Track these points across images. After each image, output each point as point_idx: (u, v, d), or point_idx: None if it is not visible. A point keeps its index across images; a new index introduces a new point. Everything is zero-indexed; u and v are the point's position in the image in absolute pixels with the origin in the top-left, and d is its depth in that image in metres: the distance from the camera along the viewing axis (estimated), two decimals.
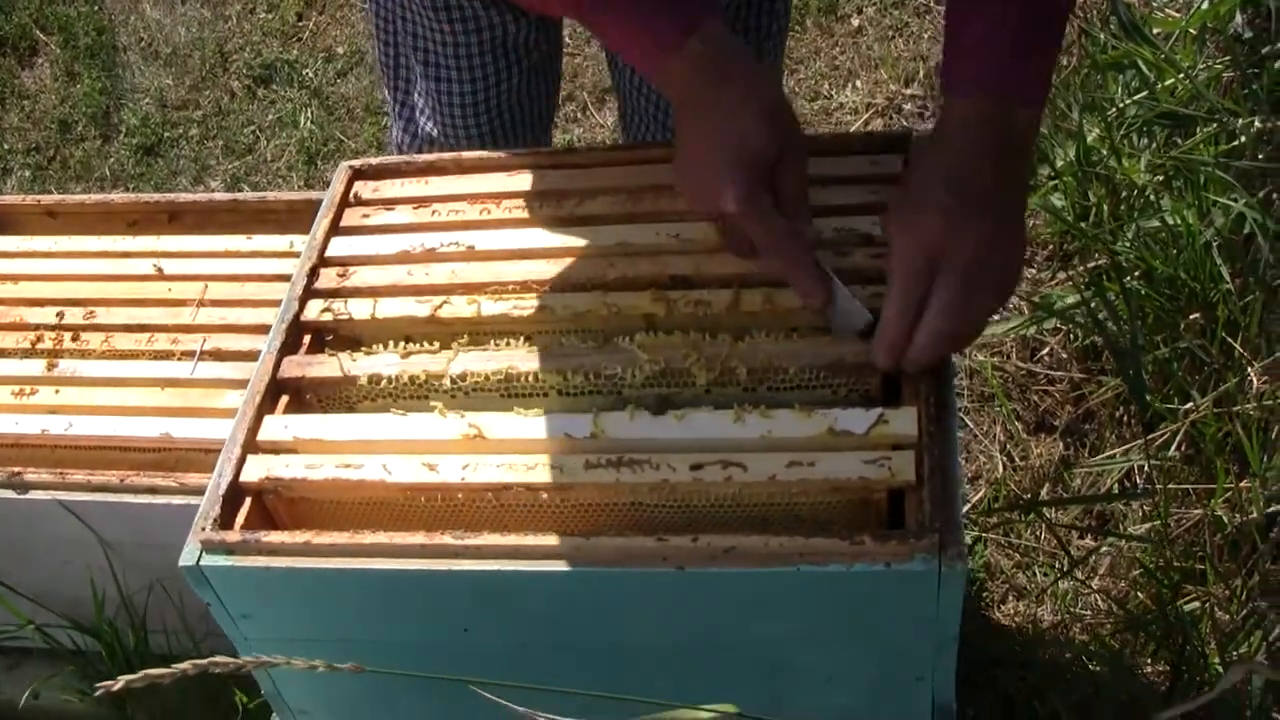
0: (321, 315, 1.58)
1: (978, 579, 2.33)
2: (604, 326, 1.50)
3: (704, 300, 1.48)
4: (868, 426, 1.34)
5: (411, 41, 2.02)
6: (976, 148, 1.36)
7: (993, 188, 1.34)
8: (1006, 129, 1.35)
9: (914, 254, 1.35)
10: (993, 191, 1.34)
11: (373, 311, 1.56)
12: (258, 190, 3.43)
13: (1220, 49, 2.49)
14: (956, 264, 1.33)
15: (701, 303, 1.48)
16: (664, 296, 1.49)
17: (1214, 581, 2.06)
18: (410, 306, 1.56)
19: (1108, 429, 2.46)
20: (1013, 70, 1.35)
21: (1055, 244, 2.86)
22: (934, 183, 1.37)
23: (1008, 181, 1.36)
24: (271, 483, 1.42)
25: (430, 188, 1.72)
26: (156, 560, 1.95)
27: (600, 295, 1.51)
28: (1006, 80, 1.35)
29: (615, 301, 1.51)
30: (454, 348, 1.51)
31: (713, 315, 1.47)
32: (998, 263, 1.35)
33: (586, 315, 1.50)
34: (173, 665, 0.93)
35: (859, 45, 3.62)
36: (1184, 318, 2.32)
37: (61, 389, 2.02)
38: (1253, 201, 2.18)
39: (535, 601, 1.37)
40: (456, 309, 1.54)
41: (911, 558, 1.25)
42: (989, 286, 1.35)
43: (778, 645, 1.40)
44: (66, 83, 3.96)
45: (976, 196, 1.34)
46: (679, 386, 1.43)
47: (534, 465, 1.37)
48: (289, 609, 1.44)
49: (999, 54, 1.34)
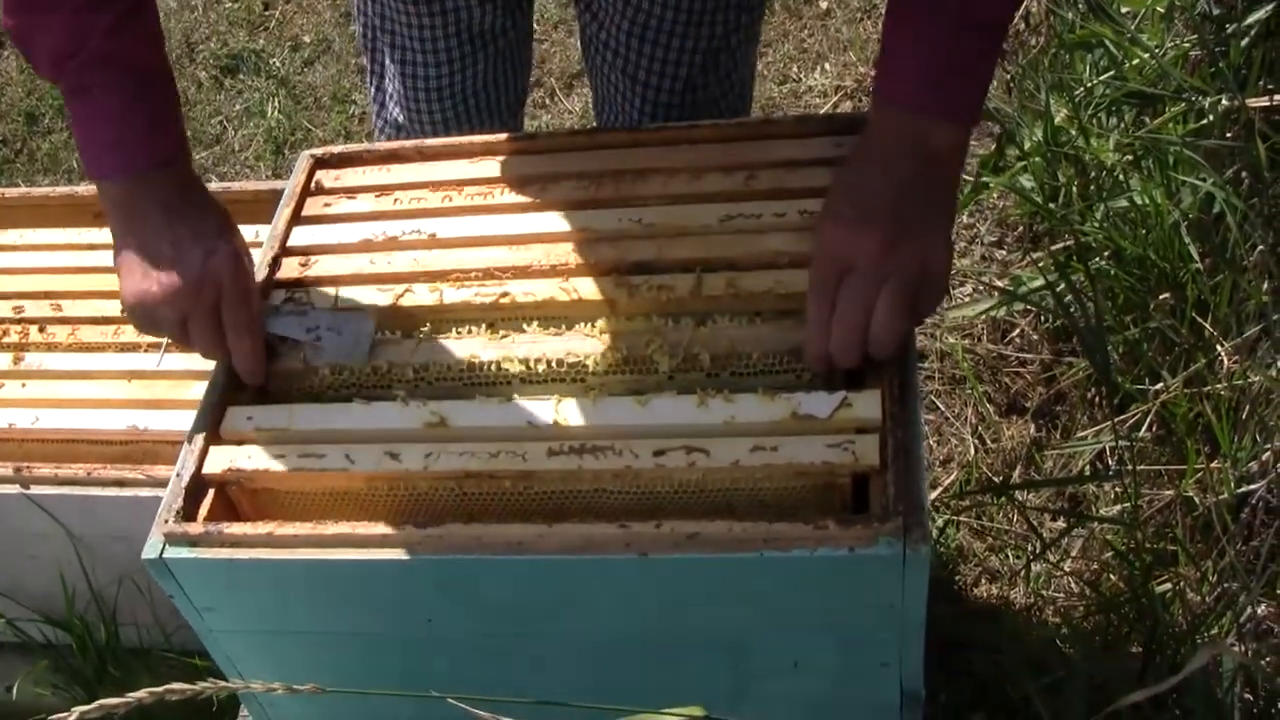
0: (284, 305, 1.57)
1: (950, 562, 2.33)
2: (566, 313, 1.49)
3: (666, 285, 1.48)
4: (831, 410, 1.34)
5: (379, 24, 2.02)
6: (887, 162, 1.38)
7: (900, 198, 1.36)
8: (921, 145, 1.36)
9: (822, 265, 1.38)
10: (899, 201, 1.36)
11: (334, 301, 1.55)
12: (225, 180, 3.42)
13: (1188, 27, 2.49)
14: (858, 270, 1.35)
15: (664, 287, 1.48)
16: (625, 282, 1.49)
17: (1185, 563, 2.06)
18: (372, 295, 1.55)
19: (1079, 410, 2.46)
20: (933, 90, 1.35)
21: (1025, 225, 2.86)
22: (840, 194, 1.41)
23: (920, 194, 1.37)
24: (234, 474, 1.42)
25: (392, 175, 1.71)
26: (125, 553, 1.94)
27: (561, 281, 1.51)
28: (925, 100, 1.36)
29: (576, 287, 1.50)
30: (416, 337, 1.50)
31: (675, 299, 1.46)
32: (904, 266, 1.34)
33: (548, 303, 1.50)
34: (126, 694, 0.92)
35: (827, 28, 3.62)
36: (1153, 298, 2.32)
37: (28, 382, 2.01)
38: (1221, 181, 2.18)
39: (499, 591, 1.36)
40: (419, 297, 1.53)
41: (875, 542, 1.25)
42: (894, 291, 1.34)
43: (743, 631, 1.40)
44: (33, 75, 3.93)
45: (879, 204, 1.36)
46: (642, 373, 1.43)
47: (496, 453, 1.36)
48: (253, 600, 1.43)
49: (922, 73, 1.35)
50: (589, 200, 1.60)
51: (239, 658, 1.50)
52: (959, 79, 1.36)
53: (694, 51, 1.95)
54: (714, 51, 1.97)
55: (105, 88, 1.44)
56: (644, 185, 1.61)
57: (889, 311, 1.34)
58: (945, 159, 1.39)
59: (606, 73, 2.06)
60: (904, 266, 1.34)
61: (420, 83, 2.05)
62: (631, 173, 1.62)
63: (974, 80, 1.38)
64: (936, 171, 1.39)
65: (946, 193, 1.42)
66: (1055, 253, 2.58)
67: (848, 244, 1.36)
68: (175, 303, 1.45)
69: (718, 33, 1.95)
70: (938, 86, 1.35)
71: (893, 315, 1.34)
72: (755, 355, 1.40)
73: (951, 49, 1.34)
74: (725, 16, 1.93)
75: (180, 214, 1.48)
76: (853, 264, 1.35)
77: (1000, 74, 2.99)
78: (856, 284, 1.35)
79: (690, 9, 1.90)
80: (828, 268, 1.37)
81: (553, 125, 3.49)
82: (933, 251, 1.37)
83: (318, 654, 1.49)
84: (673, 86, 1.99)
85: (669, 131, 1.69)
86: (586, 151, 1.68)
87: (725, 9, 1.92)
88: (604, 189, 1.61)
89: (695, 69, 1.98)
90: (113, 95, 1.44)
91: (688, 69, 1.97)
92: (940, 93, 1.36)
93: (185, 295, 1.45)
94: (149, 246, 1.47)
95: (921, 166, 1.37)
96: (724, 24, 1.94)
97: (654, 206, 1.58)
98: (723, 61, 1.99)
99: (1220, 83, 2.28)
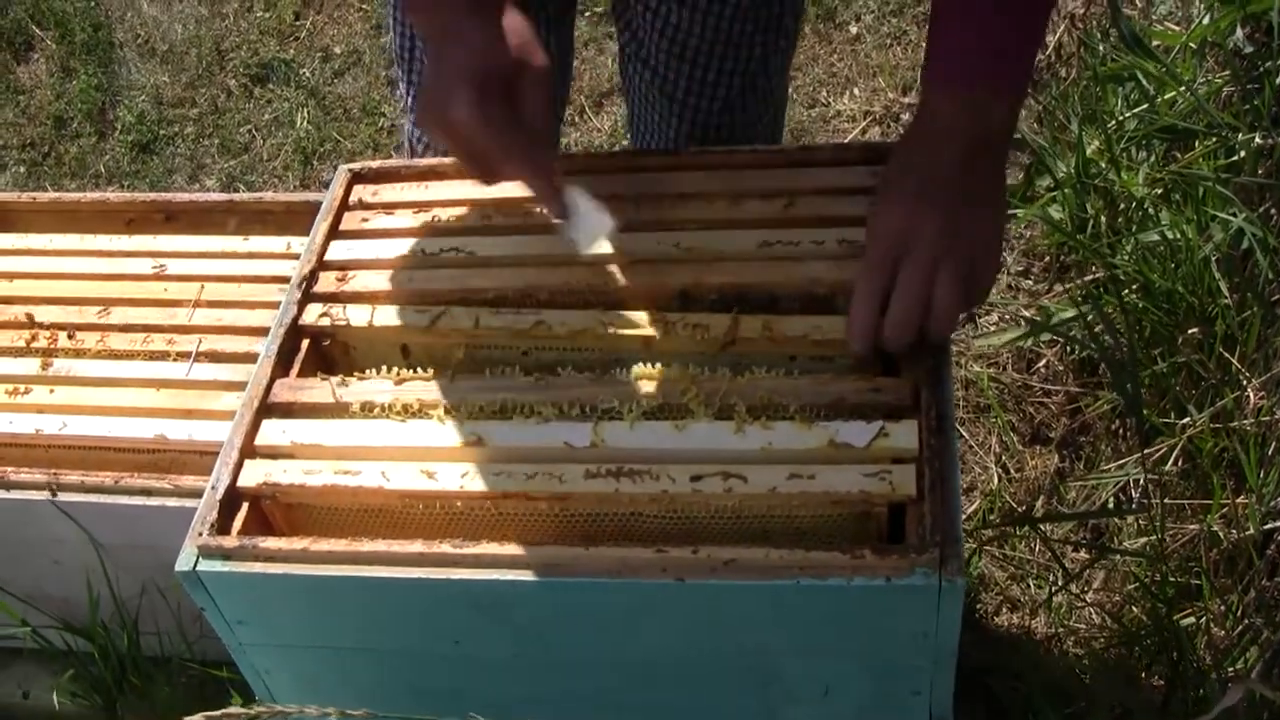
0: (320, 320, 1.57)
1: (972, 590, 2.33)
2: (600, 345, 1.50)
3: (702, 324, 1.48)
4: (869, 439, 1.34)
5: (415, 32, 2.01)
6: (943, 142, 1.39)
7: (958, 177, 1.38)
8: (977, 124, 1.38)
9: (879, 243, 1.40)
10: (958, 180, 1.38)
11: (370, 319, 1.56)
12: (253, 189, 3.42)
13: (1220, 63, 2.49)
14: (918, 251, 1.37)
15: (700, 326, 1.48)
16: (662, 318, 1.49)
17: (1210, 597, 2.06)
18: (409, 315, 1.55)
19: (1103, 442, 2.45)
20: (982, 69, 1.37)
21: (1053, 256, 2.86)
22: (899, 175, 1.43)
23: (977, 171, 1.39)
24: (269, 488, 1.42)
25: (430, 192, 1.71)
26: (150, 562, 1.94)
27: (598, 314, 1.51)
28: (978, 80, 1.38)
29: (611, 320, 1.50)
30: (449, 374, 1.50)
31: (710, 339, 1.46)
32: (962, 248, 1.37)
33: (583, 334, 1.50)
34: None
35: (857, 53, 3.62)
36: (1181, 332, 2.32)
37: (56, 388, 2.01)
38: (1252, 216, 2.18)
39: (533, 611, 1.36)
40: (455, 320, 1.53)
41: (912, 572, 1.25)
42: (953, 271, 1.37)
43: (775, 656, 1.40)
44: (62, 78, 3.94)
45: (939, 186, 1.38)
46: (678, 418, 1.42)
47: (533, 474, 1.36)
48: (285, 615, 1.43)
49: (971, 52, 1.37)
50: (628, 223, 1.60)
51: (268, 672, 1.51)
52: (1006, 56, 1.38)
53: (733, 73, 1.96)
54: (752, 74, 1.97)
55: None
56: (683, 209, 1.61)
57: (948, 292, 1.36)
58: (996, 136, 1.41)
59: (644, 91, 2.06)
60: (961, 247, 1.37)
61: None
62: (671, 196, 1.62)
63: (1021, 57, 1.40)
64: (988, 149, 1.41)
65: (998, 170, 1.44)
66: (1084, 284, 2.58)
67: (905, 224, 1.38)
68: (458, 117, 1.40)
69: (756, 55, 1.95)
70: (986, 65, 1.37)
71: (952, 295, 1.36)
72: (793, 408, 1.40)
73: (998, 28, 1.36)
74: (764, 39, 1.93)
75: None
76: (912, 243, 1.37)
77: (1032, 105, 2.99)
78: (916, 263, 1.36)
79: (730, 31, 1.90)
80: (884, 246, 1.39)
81: (582, 143, 3.50)
82: (991, 230, 1.40)
83: (349, 669, 1.49)
84: (711, 107, 2.00)
85: (709, 156, 1.70)
86: (626, 174, 1.68)
87: (764, 31, 1.92)
88: (643, 212, 1.61)
89: (734, 91, 1.98)
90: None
91: (726, 89, 1.98)
92: (989, 70, 1.37)
93: (440, 139, 1.45)
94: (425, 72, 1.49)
95: (975, 145, 1.39)
96: (762, 46, 1.94)
97: (692, 231, 1.58)
98: (760, 84, 2.00)
99: (1253, 119, 2.28)
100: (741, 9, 1.88)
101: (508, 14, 1.45)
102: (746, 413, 1.39)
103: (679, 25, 1.91)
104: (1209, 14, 2.45)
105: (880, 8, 3.71)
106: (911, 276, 1.37)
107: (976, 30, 1.37)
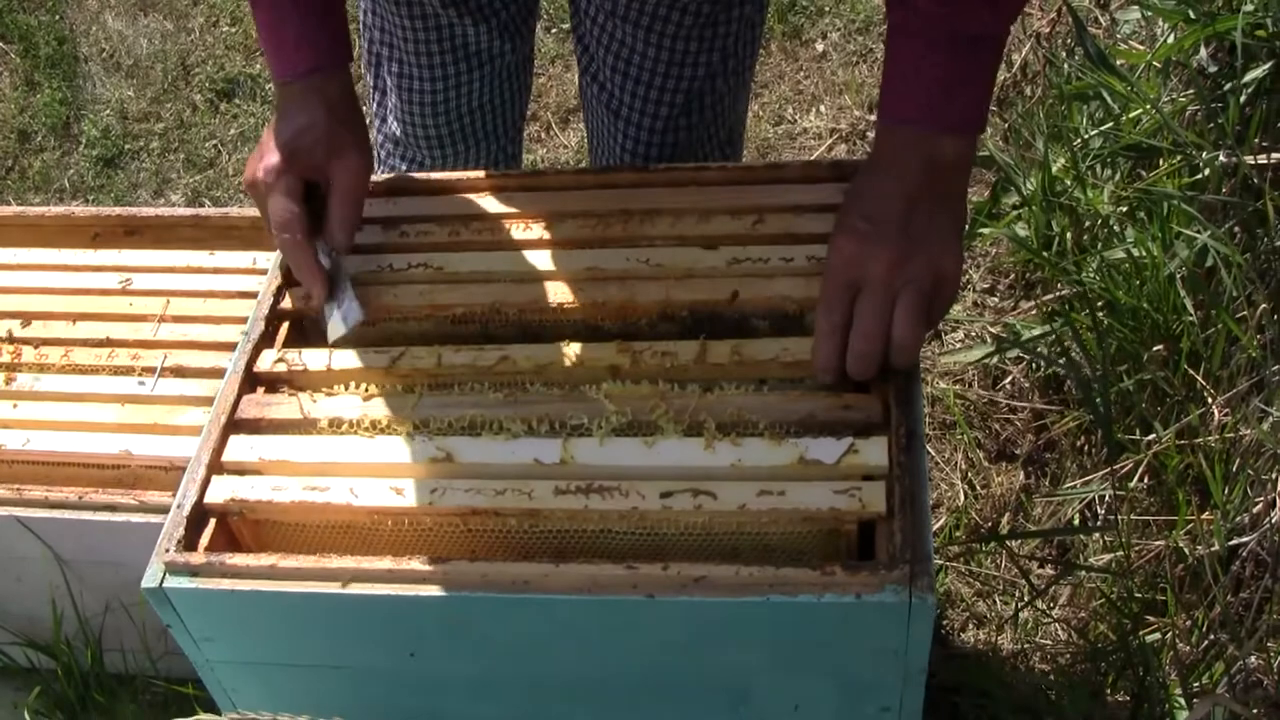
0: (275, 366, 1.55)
1: (939, 606, 2.33)
2: (567, 379, 1.49)
3: (670, 351, 1.48)
4: (838, 456, 1.34)
5: (380, 37, 2.03)
6: (895, 176, 1.41)
7: (909, 211, 1.40)
8: (930, 158, 1.40)
9: (833, 278, 1.42)
10: (909, 214, 1.40)
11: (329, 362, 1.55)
12: (219, 205, 3.41)
13: (1184, 82, 2.50)
14: (871, 284, 1.39)
15: (668, 354, 1.47)
16: (629, 348, 1.48)
17: (1175, 612, 2.07)
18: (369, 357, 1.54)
19: (1069, 459, 2.46)
20: (938, 105, 1.39)
21: (1019, 273, 2.87)
22: (852, 208, 1.45)
23: (930, 205, 1.41)
24: (236, 504, 1.41)
25: (398, 208, 1.71)
26: (114, 579, 1.93)
27: (563, 346, 1.50)
28: (932, 115, 1.39)
29: (579, 353, 1.49)
30: (416, 391, 1.49)
31: (679, 366, 1.46)
32: (916, 278, 1.38)
33: (549, 367, 1.49)
34: None
35: (823, 70, 3.63)
36: (1147, 349, 2.33)
37: (19, 403, 2.00)
38: (1217, 233, 2.19)
39: (503, 628, 1.36)
40: (416, 360, 1.52)
41: (882, 589, 1.26)
42: (909, 302, 1.38)
43: (745, 674, 1.40)
44: (26, 92, 3.92)
45: (889, 220, 1.40)
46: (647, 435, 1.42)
47: (502, 490, 1.36)
48: (252, 632, 1.42)
49: (926, 89, 1.39)
50: (596, 239, 1.61)
51: (235, 689, 1.50)
52: (962, 92, 1.39)
53: (675, 91, 1.97)
54: (697, 93, 1.98)
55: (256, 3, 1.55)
56: (652, 226, 1.61)
57: (907, 320, 1.38)
58: (953, 170, 1.43)
59: (595, 108, 2.08)
60: (917, 277, 1.38)
61: (416, 96, 2.07)
62: (639, 213, 1.63)
63: (977, 92, 1.41)
64: (945, 182, 1.42)
65: (957, 202, 1.45)
66: (1049, 302, 2.59)
67: (861, 257, 1.40)
68: (258, 177, 1.56)
69: (700, 74, 1.96)
70: (942, 101, 1.39)
71: (911, 323, 1.38)
72: (762, 424, 1.40)
73: (953, 64, 1.37)
74: (709, 59, 1.95)
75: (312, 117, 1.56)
76: (866, 277, 1.39)
77: (997, 122, 3.00)
78: (872, 296, 1.38)
79: (673, 49, 1.92)
80: (840, 279, 1.41)
81: (549, 159, 3.49)
82: (945, 260, 1.41)
83: (316, 687, 1.48)
84: (653, 125, 2.01)
85: (676, 172, 1.70)
86: (594, 190, 1.68)
87: (709, 51, 1.94)
88: (612, 228, 1.62)
89: (677, 109, 2.00)
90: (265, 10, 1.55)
91: (669, 108, 1.99)
92: (945, 107, 1.39)
93: (251, 195, 1.58)
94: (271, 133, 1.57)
95: (931, 178, 1.40)
96: (706, 66, 1.96)
97: (661, 247, 1.58)
98: (707, 104, 2.01)
99: (1216, 138, 2.29)
100: (684, 28, 1.89)
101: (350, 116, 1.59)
102: (716, 429, 1.39)
103: (624, 42, 1.93)
104: (1173, 33, 2.47)
105: (846, 26, 3.72)
106: (867, 311, 1.39)
107: (930, 68, 1.38)
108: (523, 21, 2.06)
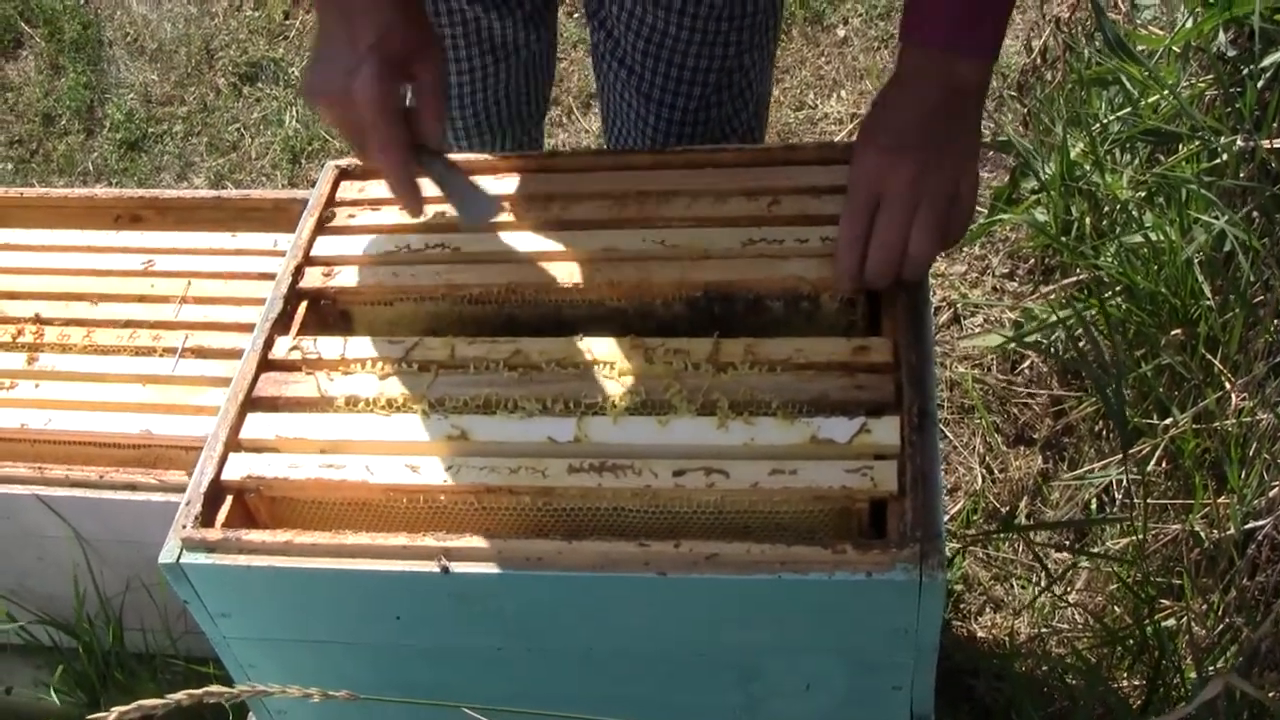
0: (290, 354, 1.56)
1: (955, 591, 2.33)
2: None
3: (683, 350, 1.48)
4: (850, 435, 1.35)
5: None
6: (916, 94, 1.47)
7: (930, 126, 1.46)
8: (948, 78, 1.45)
9: (856, 191, 1.48)
10: (929, 130, 1.45)
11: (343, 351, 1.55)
12: (241, 188, 3.43)
13: (1203, 67, 2.50)
14: (893, 195, 1.45)
15: (681, 352, 1.48)
16: (642, 344, 1.49)
17: (1191, 597, 2.07)
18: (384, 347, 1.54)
19: (1087, 443, 2.46)
20: (958, 28, 1.43)
21: (1038, 258, 2.87)
22: (874, 125, 1.51)
23: (949, 122, 1.46)
24: (253, 481, 1.42)
25: None
26: (134, 558, 1.95)
27: (576, 341, 1.50)
28: (952, 38, 1.43)
29: (591, 347, 1.49)
30: (432, 371, 1.50)
31: (692, 364, 1.46)
32: (935, 193, 1.45)
33: (562, 362, 1.49)
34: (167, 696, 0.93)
35: (844, 55, 3.63)
36: (1164, 333, 2.33)
37: (41, 383, 2.02)
38: (1234, 219, 2.19)
39: (516, 605, 1.37)
40: (429, 351, 1.52)
41: (893, 567, 1.26)
42: (927, 216, 1.45)
43: (756, 651, 1.40)
44: (51, 76, 3.94)
45: (911, 135, 1.45)
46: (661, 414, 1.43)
47: (516, 468, 1.37)
48: (268, 608, 1.43)
49: (947, 13, 1.43)
50: (613, 220, 1.61)
51: (251, 665, 1.51)
52: (981, 17, 1.43)
53: (709, 70, 1.97)
54: (729, 71, 1.98)
55: None
56: (668, 207, 1.62)
57: (924, 235, 1.45)
58: (971, 92, 1.48)
59: (620, 90, 2.07)
60: (936, 192, 1.44)
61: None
62: (655, 194, 1.63)
63: (994, 17, 1.44)
64: (964, 103, 1.47)
65: (973, 122, 1.50)
66: (1067, 287, 2.59)
67: (882, 170, 1.46)
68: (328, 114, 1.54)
69: (731, 53, 1.96)
70: (962, 24, 1.43)
71: (927, 240, 1.45)
72: (775, 404, 1.40)
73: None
74: (740, 36, 1.95)
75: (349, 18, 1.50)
76: (887, 189, 1.45)
77: (1016, 108, 3.00)
78: (892, 209, 1.45)
79: (705, 29, 1.92)
80: (863, 193, 1.47)
81: (570, 144, 3.50)
82: (963, 177, 1.47)
83: (331, 662, 1.49)
84: (687, 105, 2.01)
85: (693, 154, 1.70)
86: (611, 172, 1.69)
87: (740, 29, 1.94)
88: (628, 209, 1.62)
89: (710, 88, 2.00)
90: None
91: (702, 87, 1.99)
92: (965, 30, 1.43)
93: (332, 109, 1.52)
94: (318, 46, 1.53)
95: (950, 98, 1.45)
96: (738, 44, 1.96)
97: (677, 228, 1.59)
98: (736, 80, 2.01)
99: (1235, 122, 2.29)
100: (715, 7, 1.89)
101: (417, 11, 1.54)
102: (729, 408, 1.40)
103: (654, 25, 1.92)
104: (1192, 18, 2.46)
105: (868, 11, 3.72)
106: (888, 223, 1.45)
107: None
108: (546, 9, 2.07)
